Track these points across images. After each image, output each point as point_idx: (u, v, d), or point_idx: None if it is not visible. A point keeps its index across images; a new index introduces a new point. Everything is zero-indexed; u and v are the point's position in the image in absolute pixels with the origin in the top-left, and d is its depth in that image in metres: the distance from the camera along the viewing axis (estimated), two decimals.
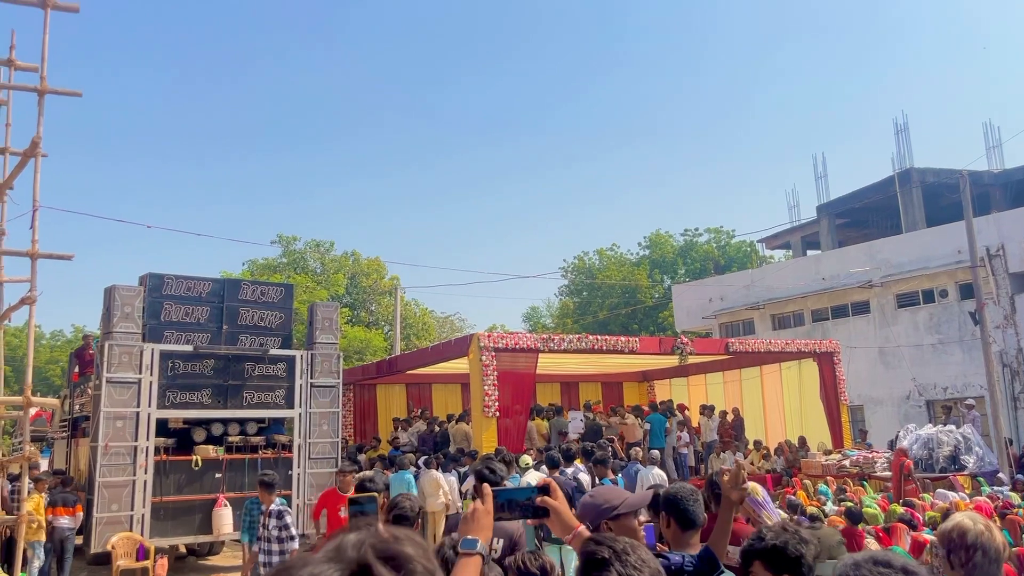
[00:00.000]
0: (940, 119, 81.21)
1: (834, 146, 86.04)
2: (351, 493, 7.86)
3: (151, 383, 12.02)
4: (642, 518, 3.31)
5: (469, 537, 2.03)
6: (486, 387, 13.58)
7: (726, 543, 3.15)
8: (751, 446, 18.05)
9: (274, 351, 13.23)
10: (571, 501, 9.30)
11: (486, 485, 2.19)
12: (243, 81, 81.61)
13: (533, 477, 9.48)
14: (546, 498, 2.20)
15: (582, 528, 2.21)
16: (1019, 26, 73.47)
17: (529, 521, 2.28)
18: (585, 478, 9.92)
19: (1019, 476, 14.90)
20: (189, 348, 12.52)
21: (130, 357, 11.87)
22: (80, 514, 11.39)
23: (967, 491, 12.86)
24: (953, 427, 15.72)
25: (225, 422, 12.82)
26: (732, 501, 3.15)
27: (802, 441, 17.57)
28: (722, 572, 3.07)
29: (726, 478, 3.12)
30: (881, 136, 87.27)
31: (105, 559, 11.24)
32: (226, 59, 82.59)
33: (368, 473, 13.99)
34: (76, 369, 15.28)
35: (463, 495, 12.33)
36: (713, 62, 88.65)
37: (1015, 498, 11.53)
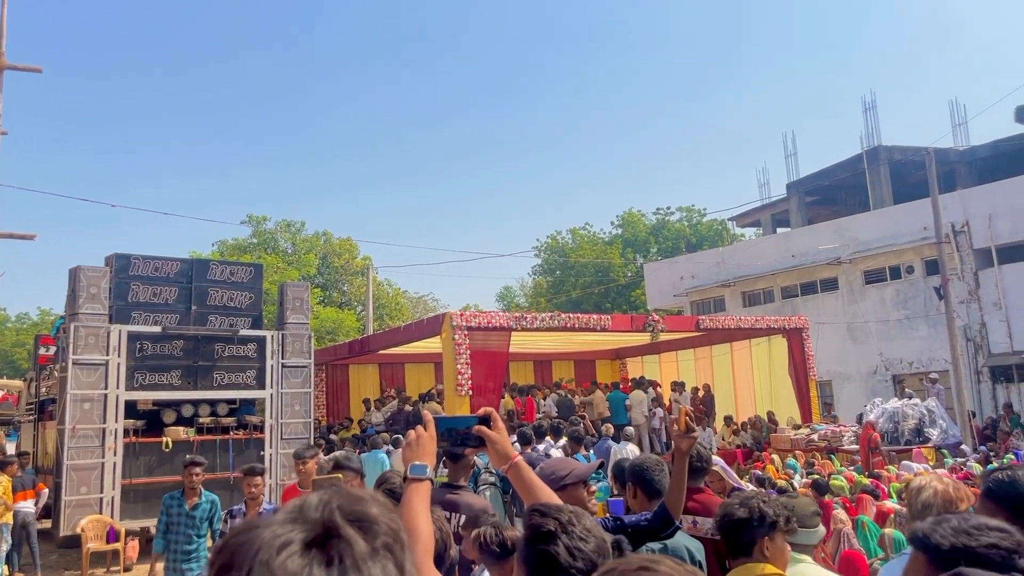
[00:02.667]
0: (908, 97, 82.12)
1: (804, 124, 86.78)
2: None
3: (119, 364, 11.87)
4: (593, 488, 3.34)
5: (418, 463, 2.02)
6: (459, 366, 13.59)
7: (682, 497, 3.18)
8: (721, 421, 18.27)
9: (244, 331, 13.13)
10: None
11: (427, 412, 2.18)
12: (213, 62, 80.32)
13: None
14: (482, 427, 2.17)
15: (519, 459, 2.19)
16: (985, 5, 74.27)
17: (468, 451, 2.24)
18: (557, 453, 9.99)
19: (982, 448, 15.25)
20: (157, 329, 12.38)
21: (97, 338, 11.72)
22: (45, 491, 11.24)
23: (931, 463, 13.13)
24: (918, 400, 16.02)
25: (195, 403, 12.73)
26: (683, 451, 3.17)
27: (771, 416, 17.81)
28: (677, 528, 3.11)
29: (674, 428, 3.15)
30: (850, 114, 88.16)
31: (75, 542, 11.14)
32: (195, 40, 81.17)
33: (341, 453, 14.01)
34: (43, 351, 15.06)
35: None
36: (684, 42, 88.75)
37: (977, 469, 11.79)
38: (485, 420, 2.19)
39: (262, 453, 12.93)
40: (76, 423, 11.39)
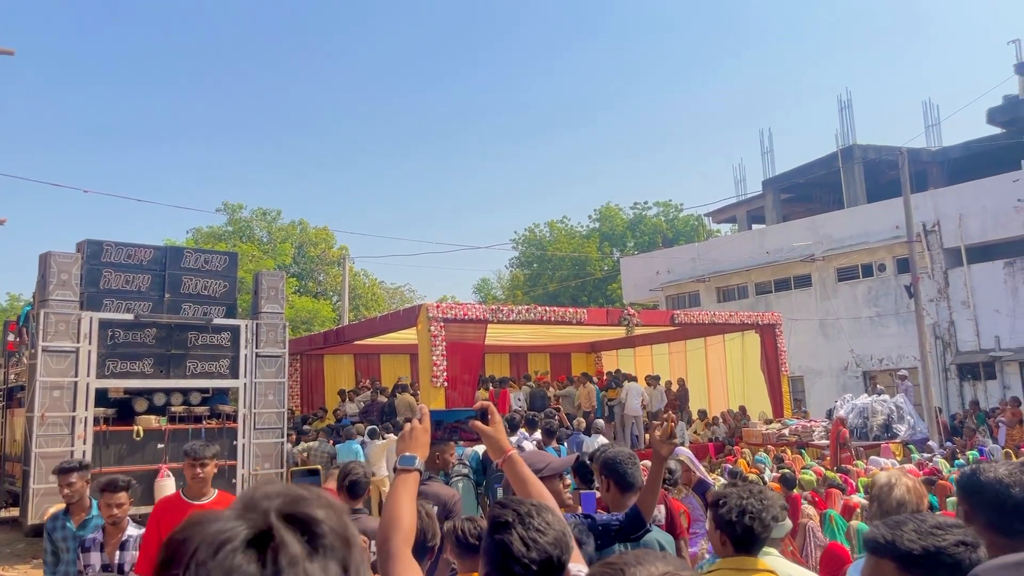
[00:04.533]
0: (882, 97, 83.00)
1: (780, 122, 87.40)
2: (209, 499, 4.83)
3: (90, 352, 11.73)
4: (568, 481, 3.37)
5: (407, 454, 2.07)
6: (434, 357, 13.59)
7: (655, 500, 3.22)
8: (695, 415, 18.43)
9: (218, 320, 13.02)
10: None
11: (423, 405, 2.22)
12: (190, 53, 79.29)
13: (479, 447, 9.55)
14: (476, 422, 2.22)
15: (513, 452, 2.23)
16: (958, 7, 75.20)
17: (463, 443, 2.29)
18: (528, 445, 10.03)
19: (948, 443, 15.53)
20: (130, 317, 12.24)
21: (67, 326, 11.57)
22: None
23: (898, 458, 13.34)
24: (887, 397, 16.28)
25: (168, 392, 12.61)
26: (662, 456, 3.20)
27: (743, 410, 18.00)
28: (648, 530, 3.15)
29: (657, 433, 3.18)
30: (826, 113, 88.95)
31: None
32: (167, 22, 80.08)
33: (313, 444, 13.98)
34: (11, 338, 14.86)
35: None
36: (663, 39, 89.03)
37: (943, 465, 12.00)
38: (483, 414, 2.23)
39: (235, 443, 12.86)
40: (45, 411, 11.25)
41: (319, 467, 5.33)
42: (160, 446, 12.31)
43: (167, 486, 12.12)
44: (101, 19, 77.05)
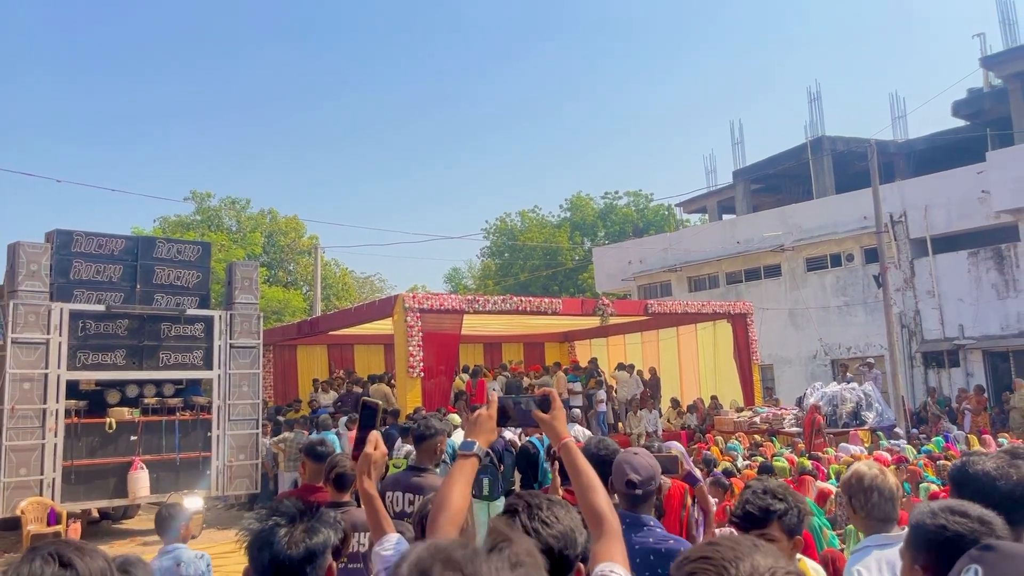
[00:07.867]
0: (850, 89, 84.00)
1: (751, 113, 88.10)
2: None
3: (60, 344, 11.57)
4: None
5: (469, 439, 2.19)
6: (411, 348, 13.59)
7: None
8: (667, 403, 18.63)
9: (191, 311, 12.91)
10: (500, 458, 9.41)
11: (493, 392, 2.29)
12: (154, 38, 77.79)
13: (460, 436, 9.58)
14: (537, 411, 2.31)
15: (569, 439, 2.28)
16: (926, 1, 76.21)
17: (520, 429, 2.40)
18: (509, 435, 10.08)
19: (914, 431, 15.86)
20: (101, 308, 12.09)
21: (37, 317, 11.39)
22: None
23: (867, 445, 13.60)
24: (856, 385, 16.57)
25: (140, 384, 12.48)
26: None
27: (715, 399, 18.22)
28: None
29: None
30: (795, 104, 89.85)
31: (14, 524, 10.89)
32: (133, 11, 78.46)
33: (288, 435, 13.92)
34: None
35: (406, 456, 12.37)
36: (633, 28, 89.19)
37: (910, 451, 12.27)
38: (543, 403, 2.31)
39: (209, 434, 12.78)
40: (15, 403, 11.08)
41: (379, 402, 5.19)
42: (133, 438, 12.21)
43: (140, 479, 12.04)
44: (66, 9, 75.32)
